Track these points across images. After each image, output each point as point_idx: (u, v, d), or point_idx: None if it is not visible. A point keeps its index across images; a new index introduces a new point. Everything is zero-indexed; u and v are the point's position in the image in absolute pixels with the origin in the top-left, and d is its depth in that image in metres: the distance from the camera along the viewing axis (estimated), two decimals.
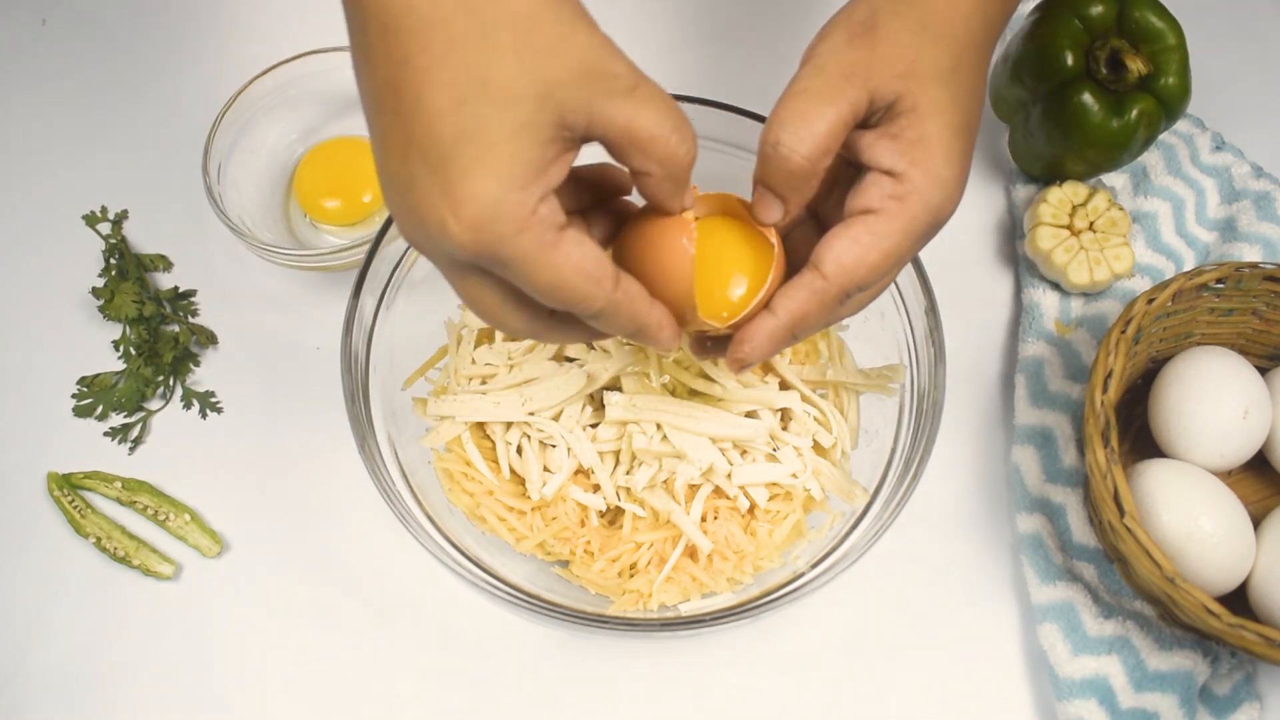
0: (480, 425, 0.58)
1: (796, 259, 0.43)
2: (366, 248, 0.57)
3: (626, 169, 0.39)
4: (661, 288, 0.42)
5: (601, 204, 0.44)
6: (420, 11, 0.34)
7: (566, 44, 0.35)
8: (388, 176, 0.37)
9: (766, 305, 0.42)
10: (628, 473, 0.57)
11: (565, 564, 0.58)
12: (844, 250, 0.40)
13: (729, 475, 0.56)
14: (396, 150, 0.36)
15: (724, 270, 0.43)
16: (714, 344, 0.47)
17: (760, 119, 0.58)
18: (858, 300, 0.44)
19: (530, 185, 0.35)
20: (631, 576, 0.56)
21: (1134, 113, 0.64)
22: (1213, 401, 0.59)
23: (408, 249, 0.58)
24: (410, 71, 0.35)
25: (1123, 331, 0.57)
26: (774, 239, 0.44)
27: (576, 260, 0.37)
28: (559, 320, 0.41)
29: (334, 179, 0.68)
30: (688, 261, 0.41)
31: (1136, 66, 0.63)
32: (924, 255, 0.55)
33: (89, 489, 0.63)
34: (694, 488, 0.56)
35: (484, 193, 0.35)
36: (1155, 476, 0.57)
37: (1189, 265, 0.69)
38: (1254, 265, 0.60)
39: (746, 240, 0.44)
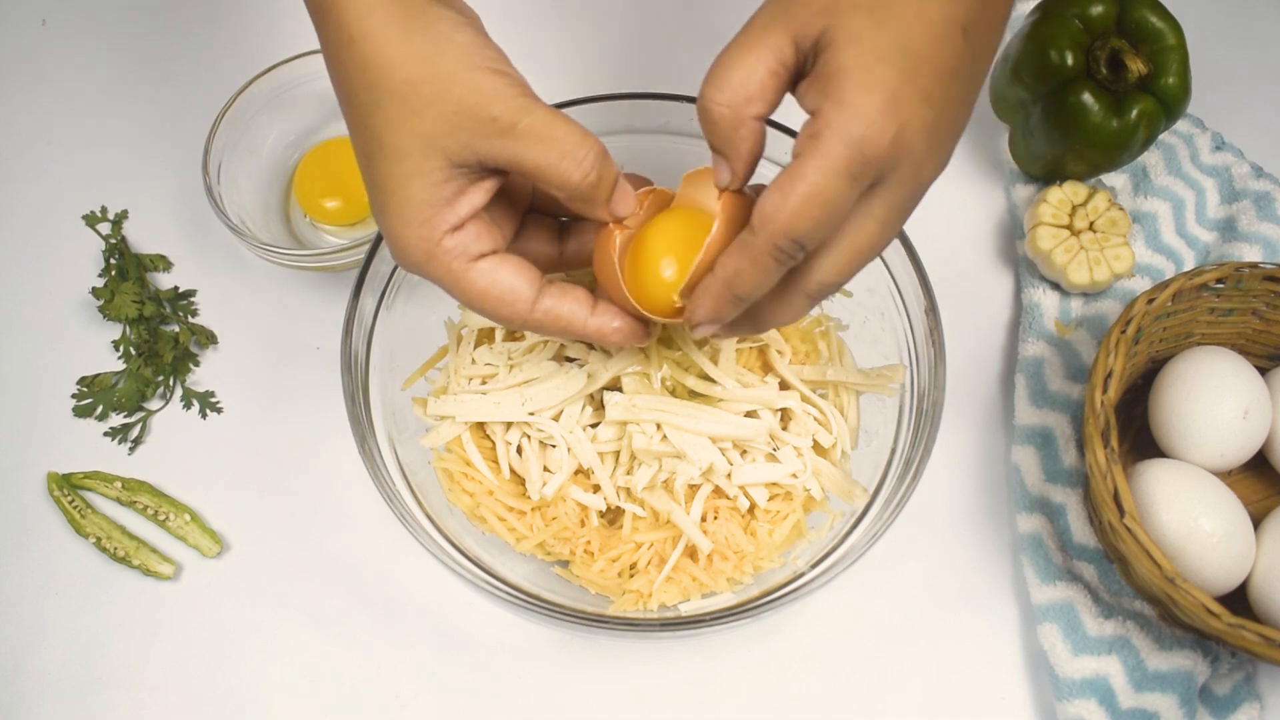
0: (480, 425, 0.58)
1: None
2: (366, 248, 0.57)
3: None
4: (611, 293, 0.45)
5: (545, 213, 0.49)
6: (346, 89, 0.42)
7: (441, 100, 0.40)
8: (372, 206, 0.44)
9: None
10: (628, 473, 0.57)
11: (565, 564, 0.58)
12: (766, 199, 0.39)
13: (729, 475, 0.56)
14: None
15: (659, 263, 0.45)
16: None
17: None
18: (818, 278, 0.42)
19: (429, 222, 0.42)
20: (631, 576, 0.56)
21: (1134, 113, 0.64)
22: (1213, 401, 0.59)
23: None
24: (350, 134, 0.44)
25: (1123, 331, 0.57)
26: (718, 215, 0.43)
27: (484, 287, 0.43)
28: (543, 319, 0.45)
29: (334, 179, 0.68)
30: (613, 268, 0.44)
31: (1136, 66, 0.63)
32: (924, 255, 0.55)
33: (89, 489, 0.63)
34: (694, 488, 0.56)
35: (391, 232, 0.43)
36: (1155, 476, 0.57)
37: (1189, 265, 0.69)
38: (1254, 265, 0.60)
39: (688, 229, 0.45)
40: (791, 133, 0.58)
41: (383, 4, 0.41)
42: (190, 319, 0.68)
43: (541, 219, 0.49)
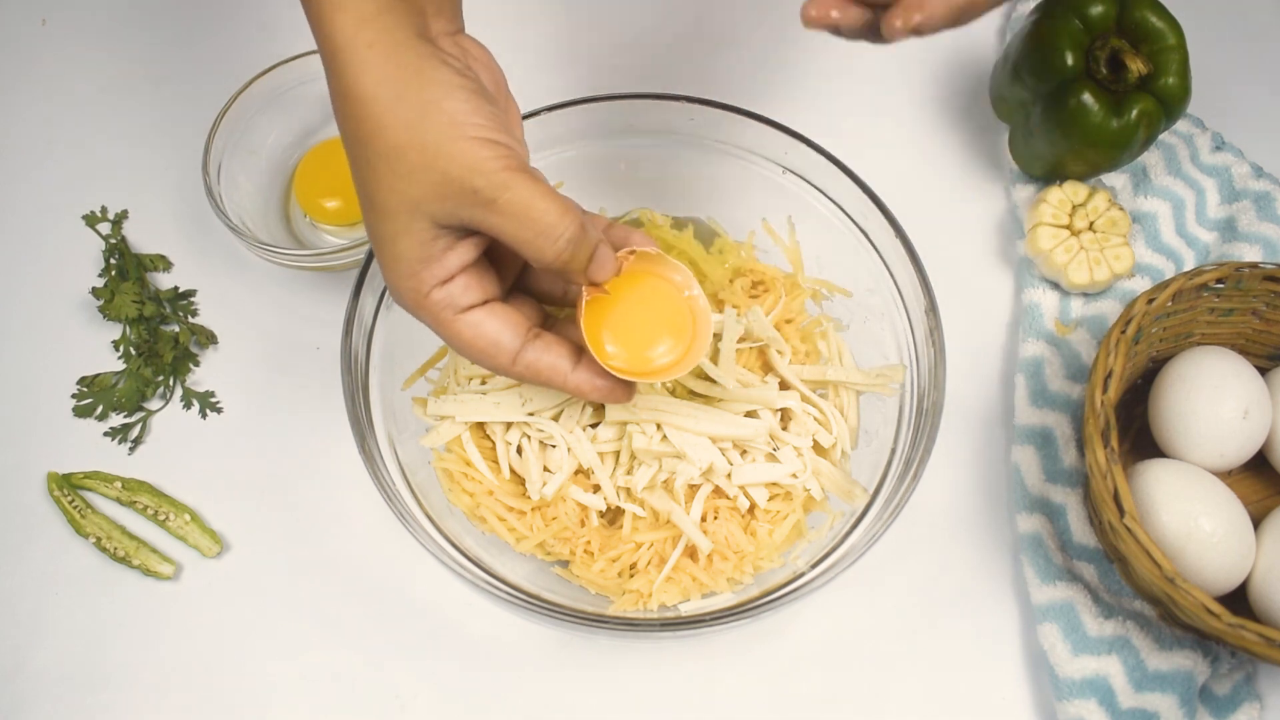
0: (480, 425, 0.58)
1: None
2: (366, 248, 0.57)
3: None
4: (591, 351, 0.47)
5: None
6: (344, 135, 0.44)
7: (428, 170, 0.42)
8: None
9: None
10: (628, 473, 0.57)
11: (565, 564, 0.58)
12: None
13: (729, 475, 0.56)
14: None
15: (602, 334, 0.48)
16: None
17: (761, 119, 0.58)
18: None
19: (418, 275, 0.44)
20: (631, 576, 0.56)
21: (1134, 113, 0.64)
22: (1213, 401, 0.59)
23: None
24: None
25: (1123, 331, 0.57)
26: (692, 290, 0.49)
27: (470, 338, 0.46)
28: (532, 361, 0.48)
29: (334, 179, 0.68)
30: (580, 331, 0.47)
31: (1136, 66, 0.63)
32: (924, 255, 0.55)
33: (89, 489, 0.63)
34: (694, 488, 0.56)
35: (386, 279, 0.45)
36: (1155, 476, 0.57)
37: (1189, 265, 0.69)
38: (1254, 265, 0.60)
39: (654, 299, 0.49)
40: (792, 132, 0.58)
41: (380, 63, 0.41)
42: (190, 319, 0.68)
43: None
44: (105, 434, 0.64)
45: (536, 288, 0.51)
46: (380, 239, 0.44)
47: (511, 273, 0.49)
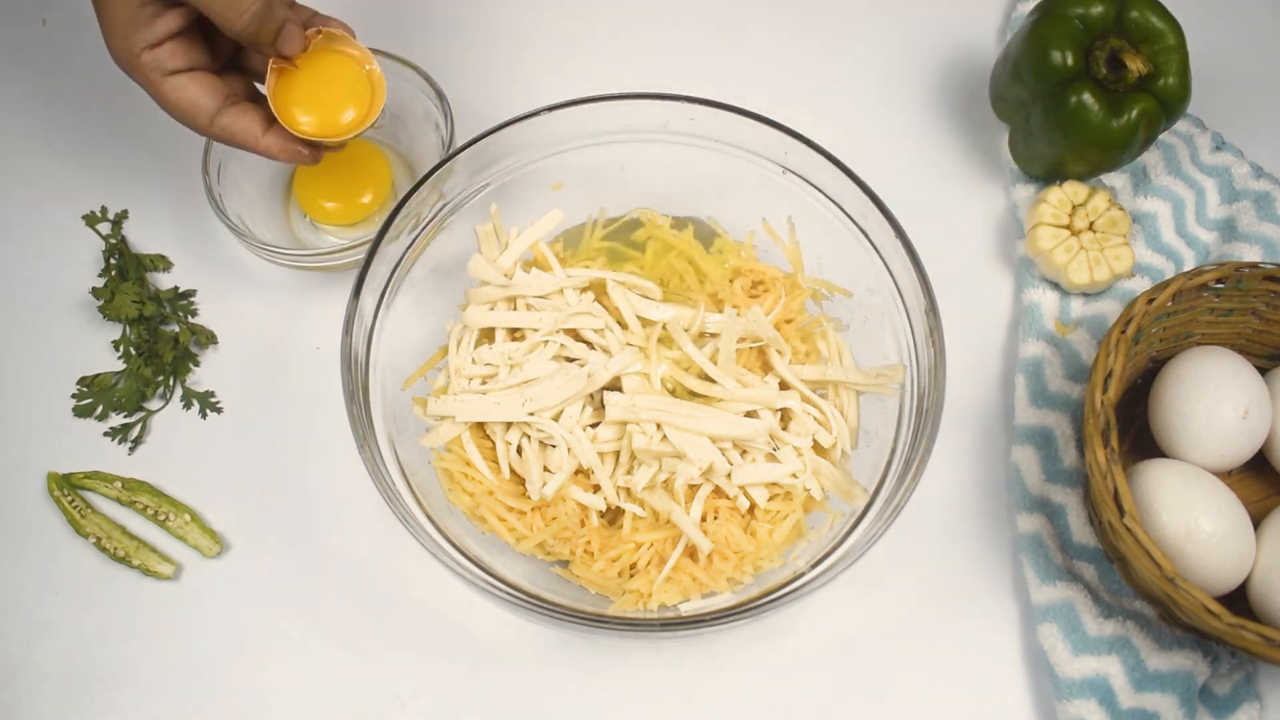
0: (480, 425, 0.58)
1: None
2: (366, 248, 0.57)
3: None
4: (280, 115, 0.56)
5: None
6: None
7: None
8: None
9: None
10: (628, 473, 0.57)
11: (565, 564, 0.58)
12: None
13: (729, 475, 0.56)
14: None
15: (321, 98, 0.57)
16: None
17: (761, 119, 0.58)
18: None
19: (129, 37, 0.52)
20: (631, 576, 0.56)
21: (1134, 113, 0.64)
22: (1213, 401, 0.59)
23: (408, 249, 0.58)
24: None
25: (1123, 331, 0.57)
26: (373, 66, 0.58)
27: (174, 100, 0.54)
28: (226, 130, 0.56)
29: (334, 179, 0.68)
30: (271, 90, 0.56)
31: (1136, 66, 0.63)
32: (924, 255, 0.55)
33: (89, 489, 0.63)
34: (694, 488, 0.56)
35: (106, 38, 0.53)
36: (1155, 476, 0.57)
37: (1189, 265, 0.69)
38: (1254, 265, 0.60)
39: (339, 73, 0.58)
40: (792, 132, 0.58)
41: None
42: (190, 319, 0.68)
43: None
44: (105, 434, 0.64)
45: (250, 66, 0.58)
46: (99, 4, 0.52)
47: (226, 50, 0.57)
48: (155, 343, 0.66)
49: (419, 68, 0.66)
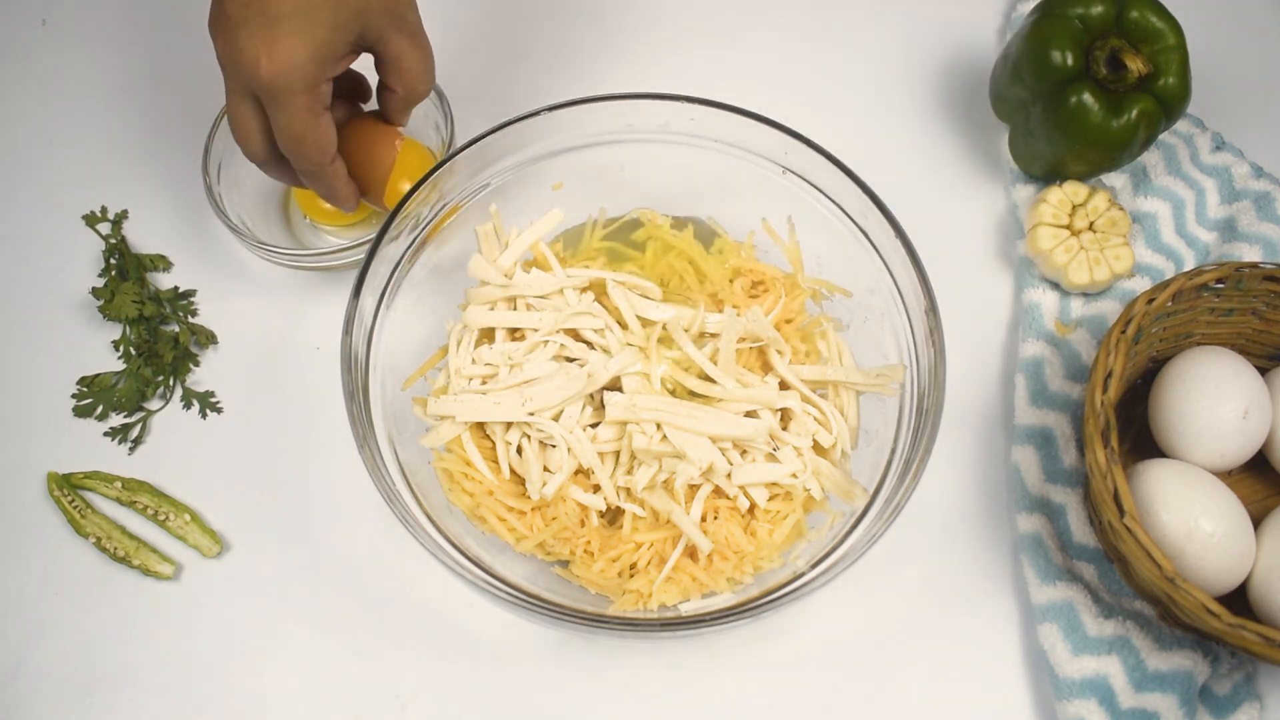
0: (480, 425, 0.58)
1: None
2: (366, 248, 0.57)
3: (377, 82, 0.59)
4: (365, 170, 0.60)
5: (348, 96, 0.61)
6: None
7: None
8: (228, 11, 0.52)
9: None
10: (628, 473, 0.57)
11: (565, 564, 0.58)
12: None
13: (729, 475, 0.56)
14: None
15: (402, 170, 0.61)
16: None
17: (761, 119, 0.58)
18: None
19: (323, 66, 0.52)
20: (631, 576, 0.56)
21: (1134, 113, 0.64)
22: (1213, 401, 0.59)
23: (408, 249, 0.58)
24: None
25: (1123, 331, 0.57)
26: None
27: (320, 133, 0.54)
28: (279, 162, 0.57)
29: None
30: (393, 158, 0.60)
31: (1136, 66, 0.63)
32: (924, 255, 0.55)
33: (89, 489, 0.63)
34: (694, 488, 0.56)
35: (296, 54, 0.51)
36: (1155, 476, 0.57)
37: (1189, 265, 0.69)
38: (1254, 265, 0.60)
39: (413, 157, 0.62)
40: (792, 132, 0.58)
41: None
42: (190, 319, 0.68)
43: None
44: (105, 434, 0.64)
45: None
46: (312, 23, 0.51)
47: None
48: (155, 343, 0.66)
49: None
